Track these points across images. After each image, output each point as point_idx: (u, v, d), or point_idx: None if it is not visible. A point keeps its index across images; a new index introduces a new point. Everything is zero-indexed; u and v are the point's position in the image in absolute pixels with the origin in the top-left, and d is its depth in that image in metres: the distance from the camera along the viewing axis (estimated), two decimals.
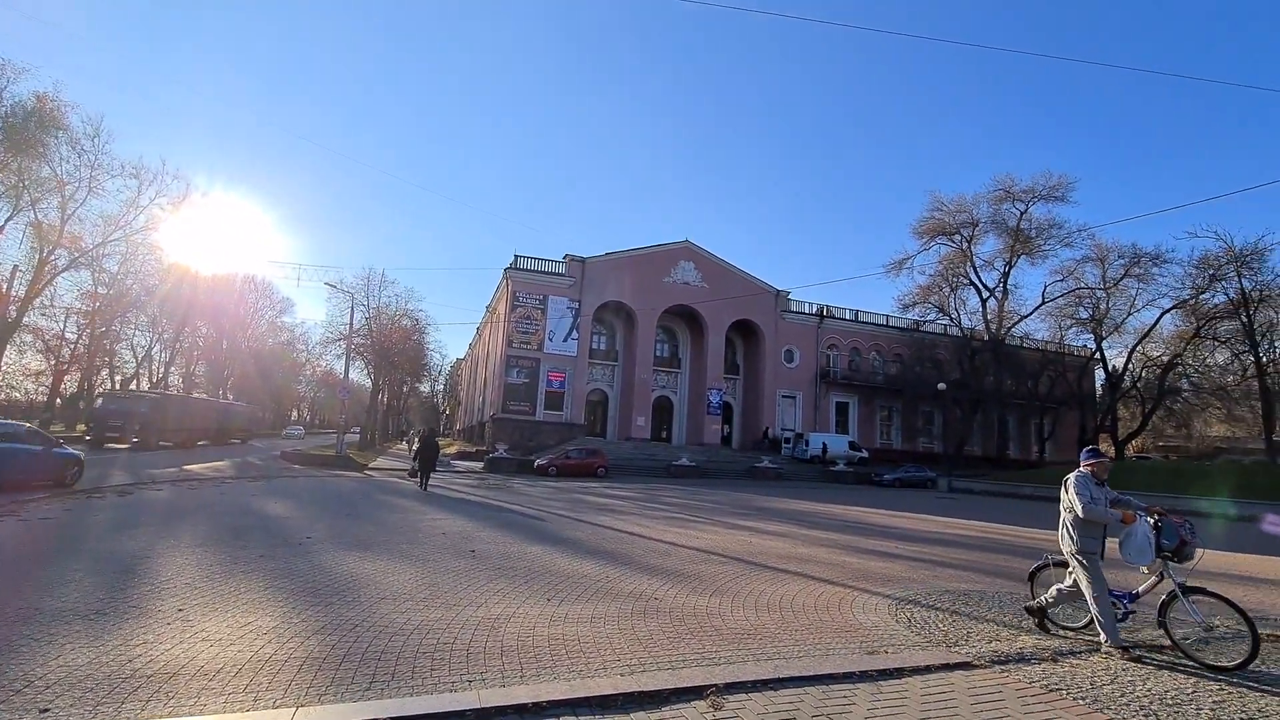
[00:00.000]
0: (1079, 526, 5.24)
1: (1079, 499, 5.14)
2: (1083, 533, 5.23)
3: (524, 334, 39.22)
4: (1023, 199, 43.59)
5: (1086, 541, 5.22)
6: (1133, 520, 5.12)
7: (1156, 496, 25.75)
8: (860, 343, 49.63)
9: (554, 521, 12.46)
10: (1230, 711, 3.94)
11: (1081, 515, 5.14)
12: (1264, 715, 3.92)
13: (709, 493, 23.18)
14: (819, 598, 6.71)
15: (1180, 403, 44.51)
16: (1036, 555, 6.61)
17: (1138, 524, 5.13)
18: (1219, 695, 4.22)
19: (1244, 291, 37.55)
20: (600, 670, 4.20)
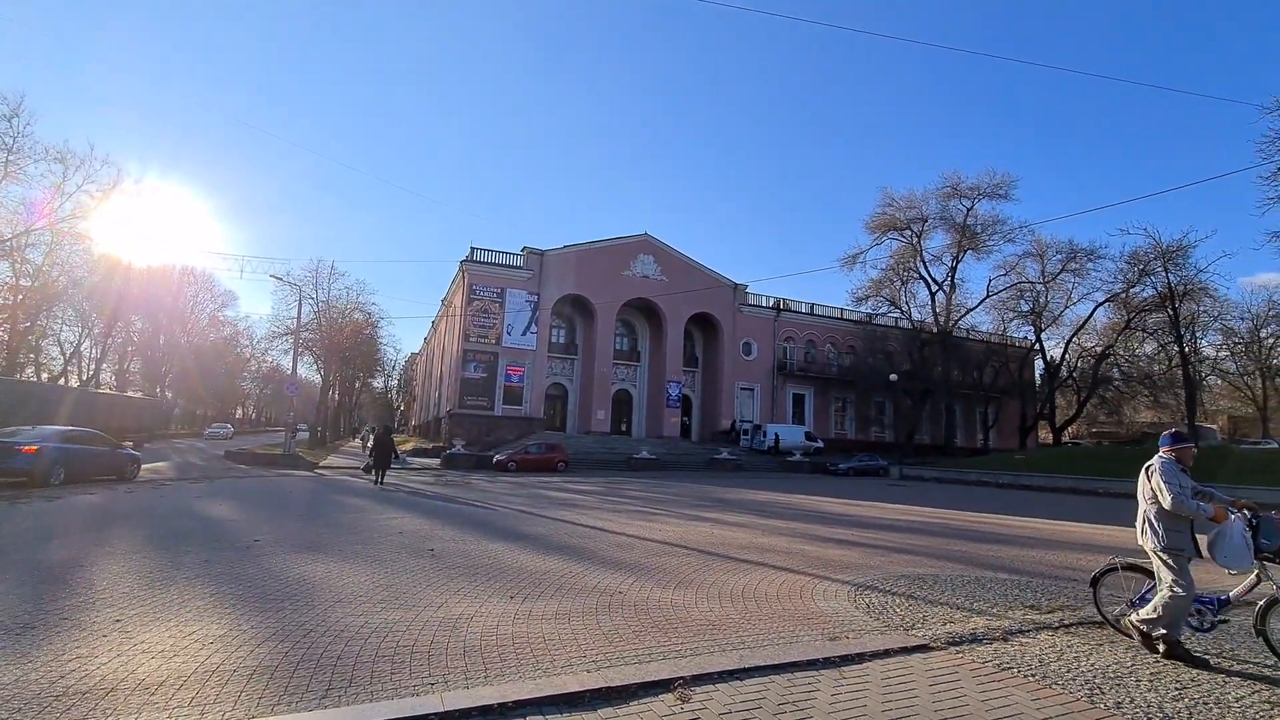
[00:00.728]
0: (1164, 520, 4.66)
1: (1168, 488, 4.58)
2: (1169, 526, 4.63)
3: (481, 328, 38.58)
4: (969, 196, 45.26)
5: (1174, 537, 4.61)
6: (1224, 517, 4.60)
7: (1091, 480, 27.19)
8: (816, 335, 50.67)
9: (515, 517, 12.32)
10: (1166, 683, 4.17)
11: (1170, 507, 4.57)
12: (1195, 684, 4.16)
13: (670, 485, 23.32)
14: (780, 586, 6.81)
15: (1112, 391, 47.04)
16: (985, 538, 6.86)
17: (1231, 521, 4.59)
18: (1155, 668, 4.46)
19: (1170, 285, 39.88)
20: (566, 667, 4.16)
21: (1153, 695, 3.93)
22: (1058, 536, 12.22)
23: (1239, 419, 61.54)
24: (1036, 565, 8.79)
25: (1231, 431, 61.95)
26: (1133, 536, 5.24)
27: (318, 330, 39.12)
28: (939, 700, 3.75)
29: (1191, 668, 4.45)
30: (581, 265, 41.23)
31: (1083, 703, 3.78)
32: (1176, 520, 4.61)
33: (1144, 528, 4.83)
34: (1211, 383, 51.02)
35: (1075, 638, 5.16)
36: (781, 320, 48.65)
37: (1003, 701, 3.77)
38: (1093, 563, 9.15)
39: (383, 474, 19.61)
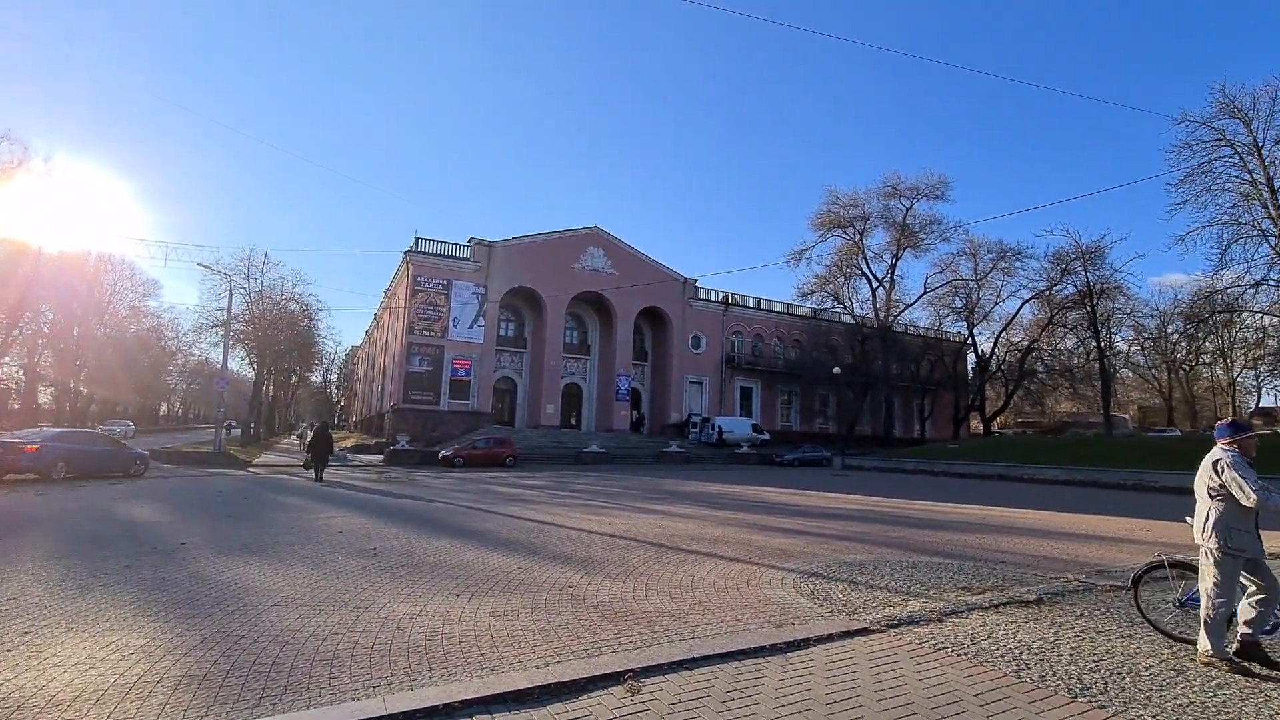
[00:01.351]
0: (1233, 517, 4.22)
1: (1249, 484, 4.08)
2: (1237, 525, 4.21)
3: (426, 320, 37.57)
4: (908, 196, 46.98)
5: (1239, 537, 4.19)
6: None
7: (1017, 467, 28.76)
8: (763, 329, 51.64)
9: (461, 514, 12.08)
10: (1084, 655, 4.45)
11: (1254, 504, 4.09)
12: (1109, 656, 4.45)
13: (619, 478, 23.36)
14: (728, 576, 6.92)
15: (1036, 383, 49.89)
16: (921, 524, 7.15)
17: None
18: (1075, 642, 4.75)
19: (1089, 284, 42.55)
20: (515, 664, 4.10)
21: (1073, 668, 4.19)
22: (987, 521, 12.87)
23: (1148, 409, 66.39)
24: (968, 549, 9.23)
25: (1141, 420, 66.77)
26: (1048, 517, 5.53)
27: (250, 322, 37.27)
28: (879, 681, 3.89)
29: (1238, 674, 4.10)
30: (531, 258, 40.68)
31: (1010, 677, 4.00)
32: (1245, 519, 4.22)
33: (1203, 527, 4.35)
34: (1124, 375, 54.70)
35: (1003, 617, 5.44)
36: (730, 314, 49.35)
37: (938, 680, 3.94)
38: (1018, 544, 9.72)
39: (321, 470, 19.20)
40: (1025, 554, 8.89)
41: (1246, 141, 28.86)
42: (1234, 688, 3.90)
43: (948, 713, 3.46)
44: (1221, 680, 4.03)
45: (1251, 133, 28.71)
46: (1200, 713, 3.52)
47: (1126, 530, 11.77)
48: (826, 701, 3.56)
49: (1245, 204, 29.48)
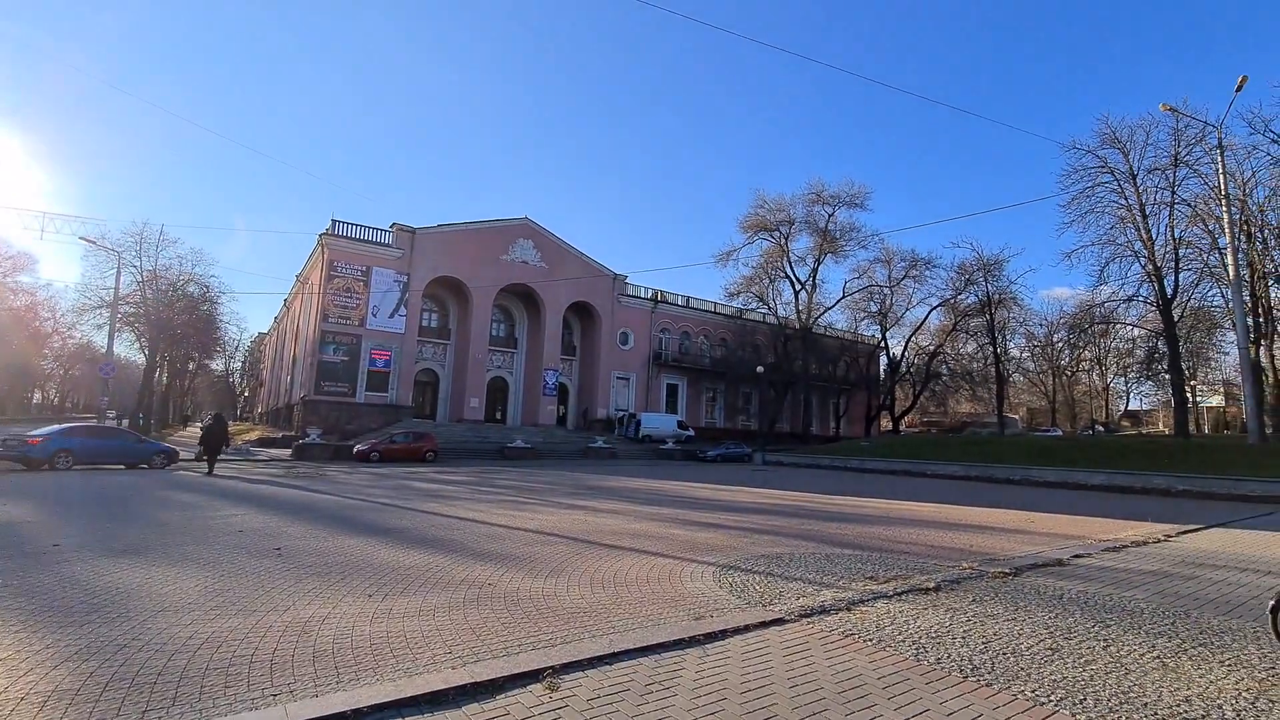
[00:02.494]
0: None
1: None
2: None
3: (343, 307, 35.74)
4: (830, 203, 49.02)
5: None
6: None
7: (921, 463, 30.65)
8: (690, 327, 52.48)
9: (376, 511, 11.60)
10: (975, 638, 4.80)
11: None
12: (998, 639, 4.82)
13: (544, 473, 23.13)
14: (651, 570, 7.00)
15: (940, 385, 53.43)
16: (834, 518, 7.49)
17: None
18: (967, 626, 5.12)
19: (988, 294, 45.89)
20: (430, 665, 3.98)
21: (965, 650, 4.51)
22: (893, 514, 13.63)
23: (1035, 410, 72.52)
24: (876, 540, 9.74)
25: (1029, 421, 72.81)
26: (947, 510, 5.93)
27: (142, 303, 34.21)
28: (792, 669, 4.04)
29: None
30: (457, 246, 39.48)
31: (910, 661, 4.26)
32: None
33: None
34: (1016, 379, 59.52)
35: (905, 604, 5.79)
36: (659, 312, 49.83)
37: (846, 665, 4.14)
38: (920, 536, 10.34)
39: (214, 461, 18.48)
40: (927, 544, 9.48)
41: (1124, 170, 31.93)
42: (1099, 664, 4.32)
43: (853, 696, 3.65)
44: (1090, 657, 4.45)
45: (1129, 162, 31.81)
46: (1073, 687, 3.88)
47: (1014, 522, 12.77)
48: (741, 690, 3.67)
49: (1122, 226, 32.67)
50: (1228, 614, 5.78)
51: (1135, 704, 3.66)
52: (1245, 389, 27.69)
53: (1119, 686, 3.91)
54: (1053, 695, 3.75)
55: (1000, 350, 47.55)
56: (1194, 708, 3.63)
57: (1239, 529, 12.62)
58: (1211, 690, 3.90)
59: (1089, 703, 3.66)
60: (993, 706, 3.57)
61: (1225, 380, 53.90)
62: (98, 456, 19.64)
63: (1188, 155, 29.92)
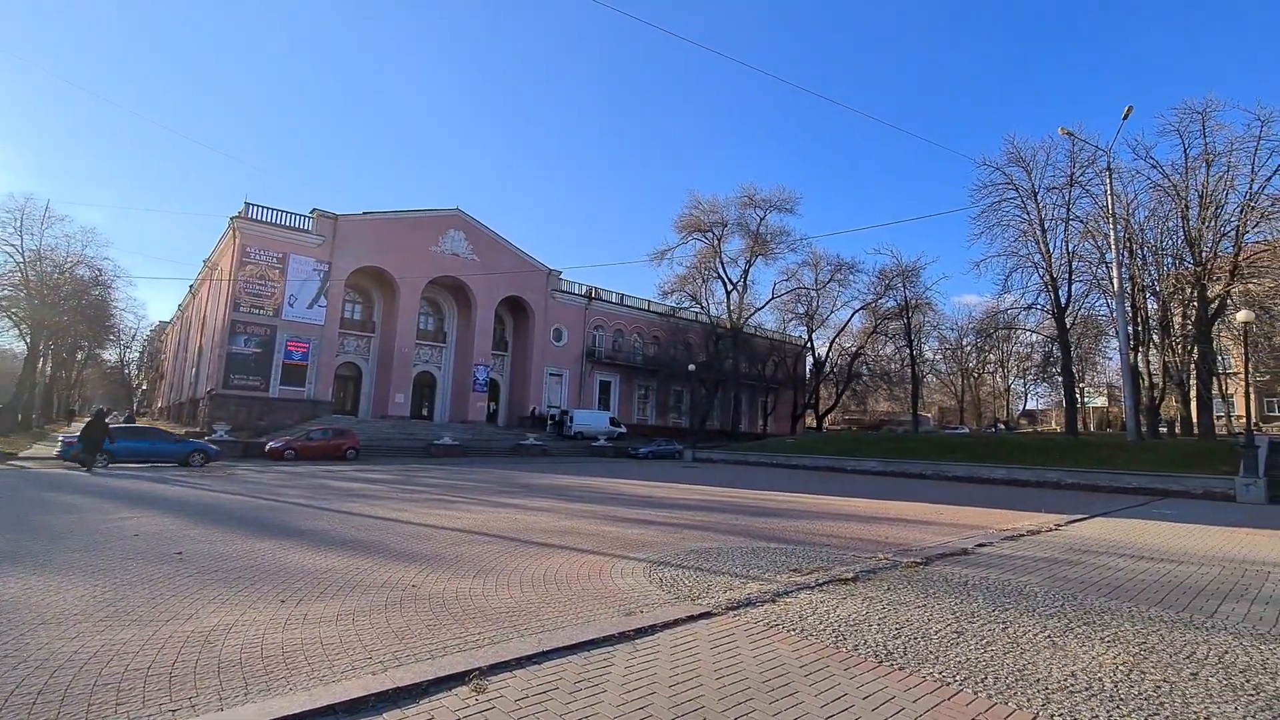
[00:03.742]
0: None
1: None
2: None
3: (256, 296, 33.61)
4: (762, 207, 50.33)
5: None
6: None
7: (842, 459, 32.01)
8: (624, 325, 52.63)
9: (290, 512, 10.99)
10: (889, 624, 5.06)
11: None
12: (909, 625, 5.10)
13: (473, 471, 22.62)
14: (581, 568, 6.97)
15: (861, 384, 55.92)
16: (760, 513, 7.70)
17: None
18: (882, 614, 5.39)
19: (906, 299, 48.43)
20: (349, 672, 3.81)
21: (880, 636, 4.74)
22: (817, 509, 14.17)
23: (946, 409, 77.20)
24: (800, 534, 10.10)
25: (940, 419, 77.45)
26: (866, 504, 6.23)
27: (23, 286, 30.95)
28: (719, 660, 4.13)
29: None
30: (383, 236, 37.90)
31: (830, 648, 4.44)
32: None
33: None
34: (930, 380, 63.12)
35: (826, 594, 6.03)
36: (593, 309, 49.68)
37: (770, 655, 4.27)
38: (841, 529, 10.80)
39: (93, 457, 17.46)
40: (847, 537, 9.91)
41: (1027, 187, 34.42)
42: (998, 645, 4.65)
43: (776, 684, 3.77)
44: (990, 639, 4.78)
45: (1031, 180, 34.32)
46: (976, 667, 4.15)
47: (926, 514, 13.55)
48: (670, 683, 3.72)
49: (1024, 239, 35.16)
50: (1108, 595, 6.35)
51: (1029, 680, 3.96)
52: (1125, 391, 30.50)
53: (1015, 665, 4.23)
54: (957, 675, 4.00)
55: (916, 352, 50.28)
56: (1079, 681, 3.97)
57: (1118, 518, 13.90)
58: (1094, 665, 4.27)
59: (989, 681, 3.93)
60: (904, 688, 3.78)
61: (1109, 383, 59.08)
62: (137, 456, 20.46)
63: (1081, 176, 32.68)
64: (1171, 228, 31.20)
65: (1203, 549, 9.70)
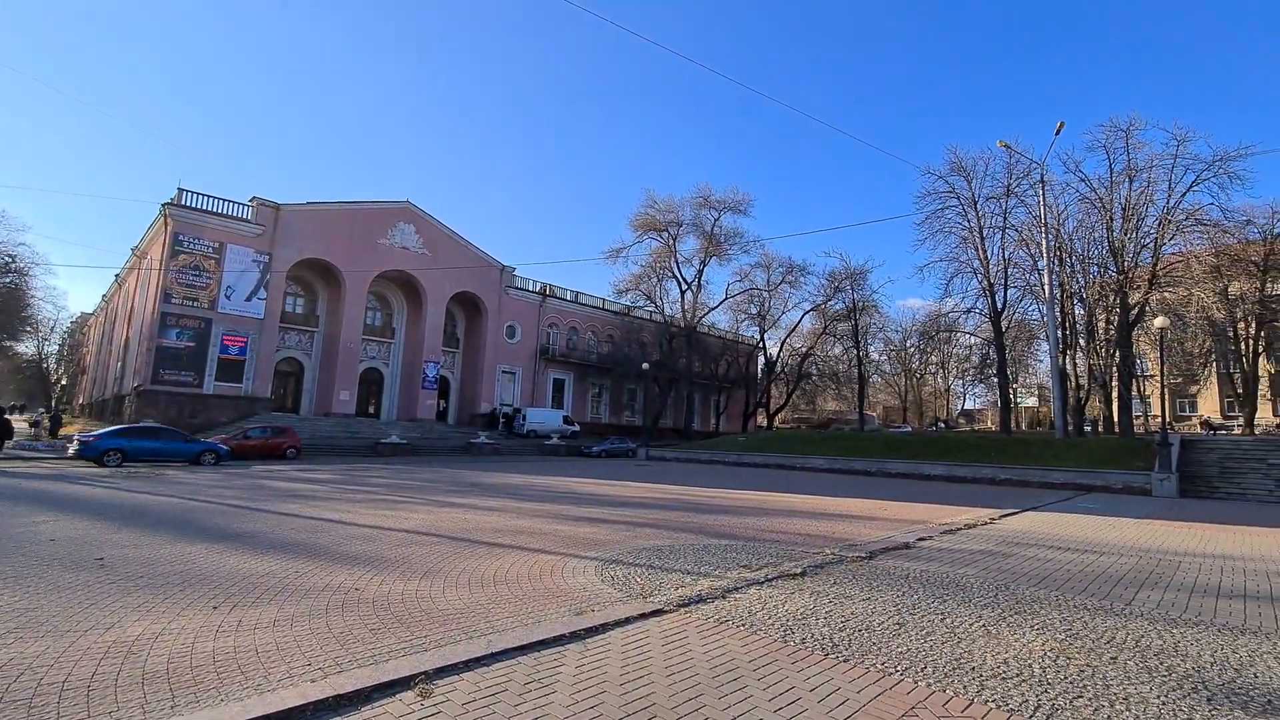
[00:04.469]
0: None
1: None
2: None
3: (189, 287, 31.90)
4: (717, 208, 50.87)
5: None
6: None
7: (791, 457, 32.71)
8: (578, 323, 52.35)
9: (224, 513, 10.48)
10: (835, 618, 5.19)
11: None
12: (854, 618, 5.24)
13: (422, 471, 22.09)
14: (532, 567, 6.89)
15: (811, 384, 57.27)
16: (712, 510, 7.79)
17: None
18: (829, 607, 5.53)
19: (854, 302, 49.84)
20: (286, 680, 3.65)
21: (826, 630, 4.86)
22: (767, 506, 14.44)
23: (890, 408, 79.87)
24: (750, 530, 10.26)
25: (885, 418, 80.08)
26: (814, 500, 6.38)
27: None
28: (669, 657, 4.15)
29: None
30: (328, 227, 36.55)
31: (778, 643, 4.52)
32: None
33: None
34: (875, 380, 65.12)
35: (775, 589, 6.14)
36: (547, 306, 49.22)
37: (720, 650, 4.32)
38: (790, 525, 11.03)
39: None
40: (796, 533, 10.13)
41: (968, 196, 35.96)
42: (937, 635, 4.83)
43: (726, 679, 3.81)
44: (930, 629, 4.96)
45: (971, 190, 35.87)
46: (916, 657, 4.30)
47: (870, 510, 13.99)
48: (621, 681, 3.71)
49: (964, 246, 36.72)
50: (1037, 585, 6.69)
51: (965, 668, 4.13)
52: (1054, 392, 32.26)
53: (952, 653, 4.40)
54: (899, 665, 4.14)
55: (862, 353, 51.79)
56: (1010, 667, 4.16)
57: (1046, 512, 14.68)
58: (1024, 652, 4.49)
59: (928, 670, 4.08)
60: (849, 679, 3.88)
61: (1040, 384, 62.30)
62: (149, 455, 20.75)
63: (1017, 187, 34.38)
64: (1097, 238, 33.14)
65: (1122, 540, 10.35)
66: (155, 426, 23.28)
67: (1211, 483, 21.64)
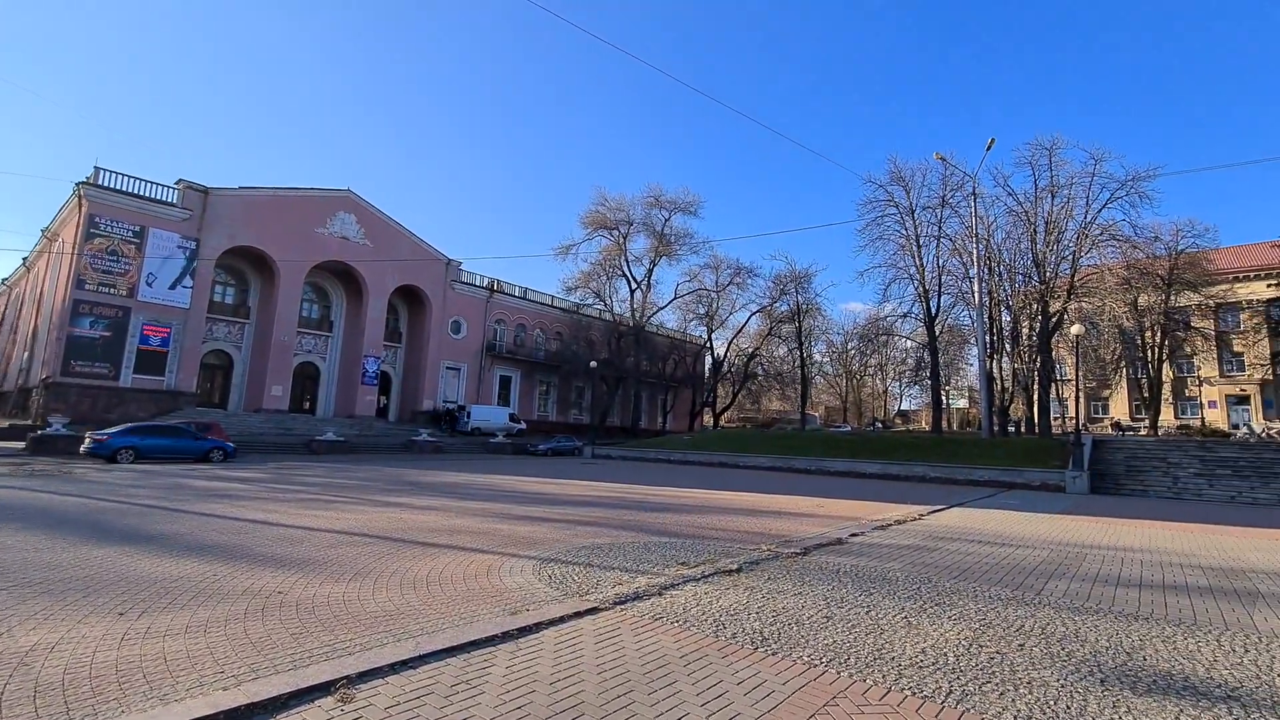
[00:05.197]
0: None
1: None
2: None
3: (106, 273, 29.85)
4: (667, 208, 51.27)
5: None
6: None
7: (736, 455, 33.27)
8: (526, 319, 51.74)
9: (139, 514, 9.87)
10: (767, 612, 5.32)
11: None
12: (785, 612, 5.39)
13: (359, 469, 21.38)
14: (468, 567, 6.78)
15: (756, 384, 58.42)
16: (655, 508, 7.84)
17: None
18: (761, 602, 5.66)
19: (798, 304, 51.12)
20: (196, 689, 3.46)
21: (757, 624, 4.98)
22: (709, 503, 14.65)
23: (831, 408, 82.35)
24: (692, 528, 10.39)
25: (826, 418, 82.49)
26: (754, 498, 6.52)
27: None
28: (601, 655, 4.16)
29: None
30: (263, 214, 34.86)
31: (710, 638, 4.60)
32: None
33: None
34: (818, 381, 67.03)
35: (711, 586, 6.24)
36: (494, 302, 48.43)
37: (653, 647, 4.36)
38: (731, 522, 11.21)
39: None
40: (735, 530, 10.32)
41: (906, 205, 37.41)
42: (862, 627, 5.02)
43: (657, 675, 3.85)
44: (855, 621, 5.15)
45: (910, 199, 37.34)
46: (841, 649, 4.46)
47: (808, 507, 14.39)
48: (551, 680, 3.70)
49: (902, 253, 38.19)
50: (958, 578, 7.04)
51: (886, 658, 4.31)
52: (982, 395, 33.97)
53: (875, 644, 4.58)
54: (824, 657, 4.28)
55: (806, 355, 53.22)
56: (927, 656, 4.36)
57: (971, 508, 15.45)
58: (941, 641, 4.72)
59: (851, 660, 4.24)
60: (776, 672, 3.99)
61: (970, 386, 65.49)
62: (160, 453, 21.39)
63: (952, 198, 36.04)
64: (1023, 249, 35.10)
65: (1036, 534, 11.00)
66: (168, 425, 23.49)
67: (1119, 480, 23.26)
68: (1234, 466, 22.77)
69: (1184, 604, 6.24)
